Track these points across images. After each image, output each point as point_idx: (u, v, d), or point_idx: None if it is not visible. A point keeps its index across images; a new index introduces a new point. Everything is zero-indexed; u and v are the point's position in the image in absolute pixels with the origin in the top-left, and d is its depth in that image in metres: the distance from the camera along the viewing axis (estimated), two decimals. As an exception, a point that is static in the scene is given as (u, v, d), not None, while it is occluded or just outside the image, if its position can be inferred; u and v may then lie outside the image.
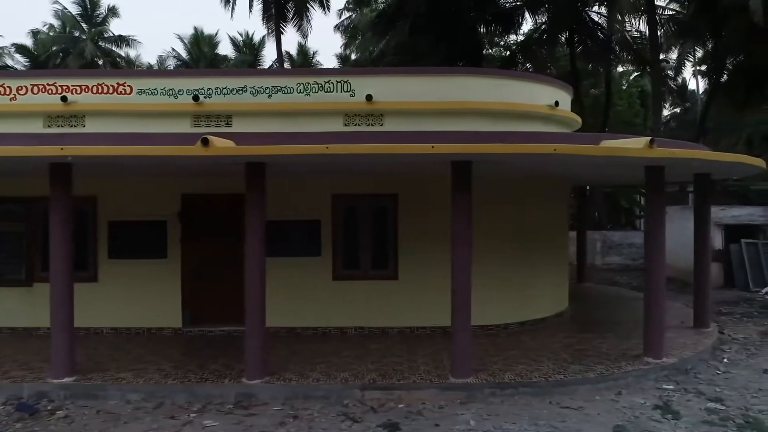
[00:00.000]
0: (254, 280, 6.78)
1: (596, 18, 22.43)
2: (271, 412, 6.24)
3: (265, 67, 33.09)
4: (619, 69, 31.37)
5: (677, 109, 39.35)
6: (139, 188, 9.00)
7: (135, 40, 34.52)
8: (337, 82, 9.60)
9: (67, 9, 33.70)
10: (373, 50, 28.91)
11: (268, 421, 6.03)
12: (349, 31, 33.69)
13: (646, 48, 21.52)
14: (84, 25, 34.19)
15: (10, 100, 9.72)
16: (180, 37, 36.40)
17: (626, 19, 21.27)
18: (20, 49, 34.24)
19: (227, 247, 8.94)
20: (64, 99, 9.43)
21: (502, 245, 9.33)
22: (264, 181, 6.75)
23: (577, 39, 22.13)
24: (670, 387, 6.98)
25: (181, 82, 9.62)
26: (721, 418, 6.04)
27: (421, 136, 6.56)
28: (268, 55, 36.38)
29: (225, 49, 38.88)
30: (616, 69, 29.93)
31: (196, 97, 9.42)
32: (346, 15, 33.53)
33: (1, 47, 34.11)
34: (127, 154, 5.98)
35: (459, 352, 6.85)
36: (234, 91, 9.52)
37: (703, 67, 29.99)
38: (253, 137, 6.84)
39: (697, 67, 33.21)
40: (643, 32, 21.80)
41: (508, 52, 26.00)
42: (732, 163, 7.55)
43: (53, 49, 33.78)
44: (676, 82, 32.91)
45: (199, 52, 36.09)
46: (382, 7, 25.65)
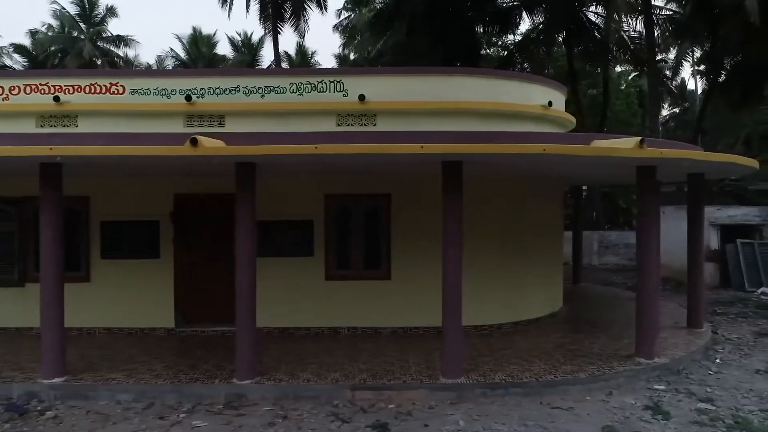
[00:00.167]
0: (245, 280, 6.77)
1: (593, 18, 22.41)
2: (260, 413, 6.24)
3: (263, 67, 33.06)
4: (618, 69, 31.38)
5: (676, 109, 39.37)
6: (132, 188, 9.00)
7: (133, 40, 34.62)
8: (330, 82, 9.59)
9: (65, 9, 33.77)
10: (371, 50, 28.93)
11: (258, 421, 6.02)
12: (347, 31, 33.68)
13: (643, 48, 21.49)
14: (82, 25, 34.22)
15: (3, 100, 9.72)
16: (178, 37, 36.49)
17: (623, 18, 21.25)
18: (18, 49, 34.28)
19: (220, 247, 8.92)
20: (57, 99, 9.43)
21: (496, 245, 9.34)
22: (254, 181, 6.74)
23: (574, 39, 22.11)
24: (662, 387, 6.97)
25: (174, 82, 9.62)
26: (710, 418, 6.03)
27: (412, 136, 6.54)
28: (267, 55, 36.31)
29: (223, 49, 39.00)
30: (614, 69, 29.91)
31: (188, 97, 9.41)
32: (344, 15, 33.58)
33: (-1, 47, 34.20)
34: (116, 154, 5.97)
35: (450, 353, 6.84)
36: (227, 91, 9.52)
37: (702, 67, 29.96)
38: (244, 137, 6.84)
39: (696, 68, 33.20)
40: (641, 32, 21.79)
41: (506, 52, 25.97)
42: (723, 163, 7.53)
43: (51, 49, 33.82)
44: (674, 82, 32.95)
45: (198, 52, 36.13)
46: (379, 7, 25.62)
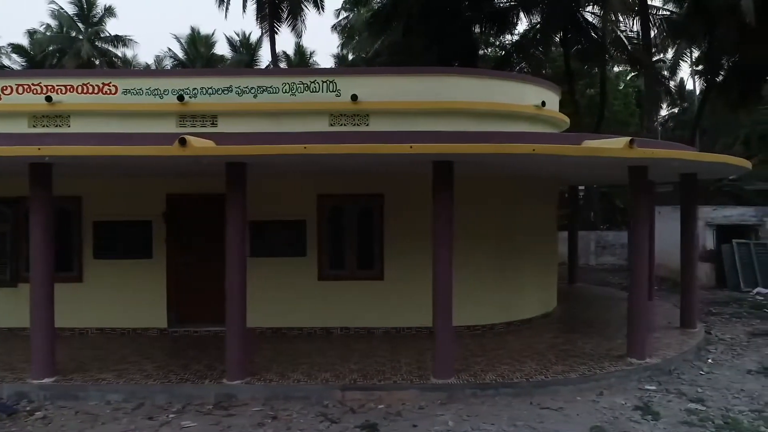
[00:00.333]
0: (235, 280, 6.76)
1: (590, 18, 22.41)
2: (250, 413, 6.24)
3: (259, 67, 33.03)
4: (616, 69, 31.38)
5: (675, 110, 39.37)
6: (124, 188, 8.98)
7: (131, 40, 34.59)
8: (323, 82, 9.58)
9: (63, 9, 33.72)
10: (369, 50, 28.90)
11: (247, 421, 6.02)
12: (346, 31, 33.68)
13: (640, 48, 21.48)
14: (80, 25, 34.19)
15: (-5, 100, 9.72)
16: (176, 37, 36.45)
17: (620, 19, 21.24)
18: (16, 49, 34.24)
19: (213, 247, 8.86)
20: (49, 99, 9.42)
21: (490, 246, 9.33)
22: (245, 182, 6.73)
23: (571, 39, 22.11)
24: (652, 387, 6.96)
25: (167, 82, 9.60)
26: (700, 418, 6.03)
27: (404, 136, 6.53)
28: (265, 55, 36.23)
29: (222, 50, 38.98)
30: (612, 69, 29.91)
31: (181, 97, 9.39)
32: (343, 15, 33.56)
33: (-2, 47, 34.20)
34: (104, 154, 5.96)
35: (440, 353, 6.83)
36: (219, 91, 9.50)
37: (700, 68, 29.95)
38: (235, 137, 6.84)
39: (694, 68, 33.20)
40: (638, 32, 21.76)
41: (503, 53, 25.96)
42: (714, 163, 7.52)
43: (49, 49, 33.77)
44: (673, 83, 32.94)
45: (196, 52, 36.11)
46: (377, 8, 25.60)
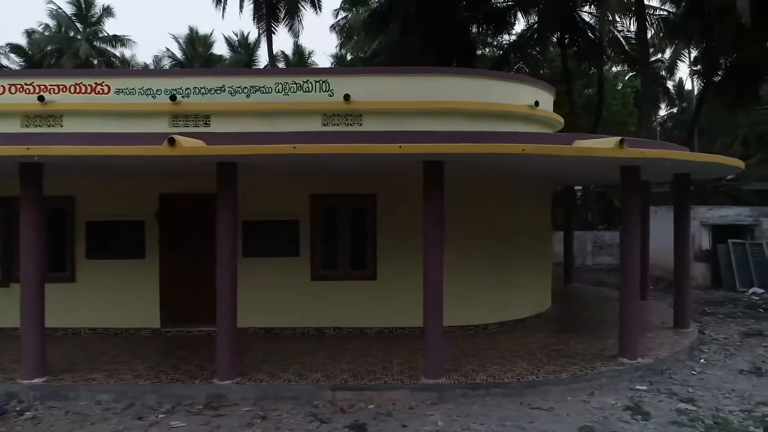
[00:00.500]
0: (225, 280, 6.75)
1: (587, 18, 22.41)
2: (240, 413, 6.23)
3: (255, 67, 33.05)
4: (615, 69, 31.35)
5: (674, 110, 39.35)
6: (118, 188, 8.98)
7: (130, 40, 34.62)
8: (316, 82, 9.58)
9: (61, 9, 33.75)
10: (367, 50, 28.90)
11: (236, 421, 6.01)
12: (344, 31, 33.67)
13: (636, 48, 21.48)
14: (79, 25, 34.20)
15: (-12, 100, 9.71)
16: (175, 37, 36.50)
17: (617, 18, 21.24)
18: (15, 48, 34.25)
19: (205, 247, 8.82)
20: (41, 99, 9.42)
21: (483, 246, 9.33)
22: (235, 182, 6.73)
23: (568, 39, 22.10)
24: (644, 387, 6.95)
25: (159, 81, 9.60)
26: (690, 418, 6.02)
27: (394, 136, 6.53)
28: (264, 55, 36.32)
29: (220, 49, 39.02)
30: (610, 69, 29.88)
31: (173, 97, 9.39)
32: (342, 15, 33.55)
33: (-4, 47, 34.19)
34: (93, 154, 5.96)
35: (431, 353, 6.82)
36: (212, 91, 9.50)
37: (698, 68, 29.94)
38: (227, 137, 6.85)
39: (692, 68, 33.18)
40: (635, 32, 21.75)
41: (501, 53, 25.96)
42: (706, 163, 7.51)
43: (48, 48, 33.77)
44: (672, 83, 32.94)
45: (194, 52, 36.13)
46: (374, 7, 25.61)
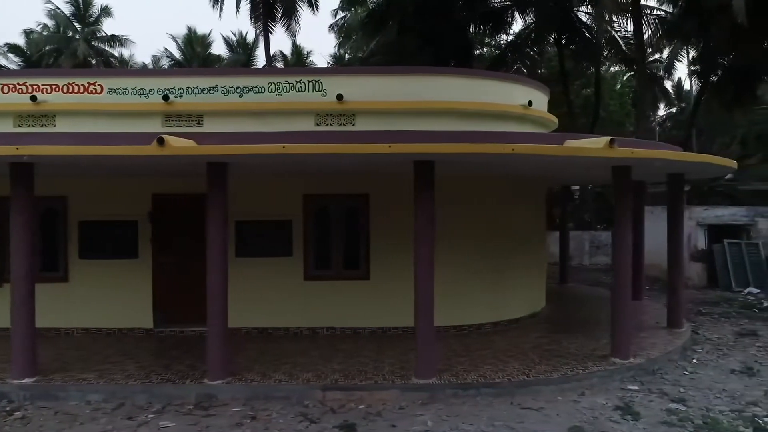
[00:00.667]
0: (216, 280, 6.75)
1: (584, 18, 22.39)
2: (230, 413, 6.22)
3: (252, 67, 33.01)
4: (613, 69, 31.34)
5: (673, 109, 39.33)
6: (110, 188, 8.98)
7: (128, 40, 34.61)
8: (309, 82, 9.56)
9: (59, 9, 33.72)
10: (365, 50, 28.88)
11: (226, 422, 6.01)
12: (343, 31, 33.65)
13: (633, 48, 21.47)
14: (77, 25, 34.18)
15: (-19, 100, 9.69)
16: (173, 37, 36.49)
17: (614, 18, 21.22)
18: (13, 48, 34.20)
19: (199, 247, 8.74)
20: (34, 99, 9.41)
21: (477, 245, 9.32)
22: (225, 181, 6.72)
23: (565, 38, 22.10)
24: (635, 388, 6.95)
25: (152, 81, 9.59)
26: (680, 418, 6.01)
27: (386, 136, 6.53)
28: (262, 55, 36.26)
29: (219, 49, 38.95)
30: (608, 69, 29.87)
31: (166, 97, 9.38)
32: (340, 15, 33.54)
33: (-6, 47, 34.15)
34: (82, 154, 5.95)
35: (422, 353, 6.82)
36: (205, 91, 9.49)
37: (696, 68, 29.92)
38: (218, 137, 6.84)
39: (691, 68, 33.16)
40: (632, 32, 21.73)
41: (498, 52, 25.94)
42: (698, 163, 7.50)
43: (46, 48, 33.73)
44: (671, 83, 32.91)
45: (192, 52, 36.10)
46: (372, 7, 25.59)
